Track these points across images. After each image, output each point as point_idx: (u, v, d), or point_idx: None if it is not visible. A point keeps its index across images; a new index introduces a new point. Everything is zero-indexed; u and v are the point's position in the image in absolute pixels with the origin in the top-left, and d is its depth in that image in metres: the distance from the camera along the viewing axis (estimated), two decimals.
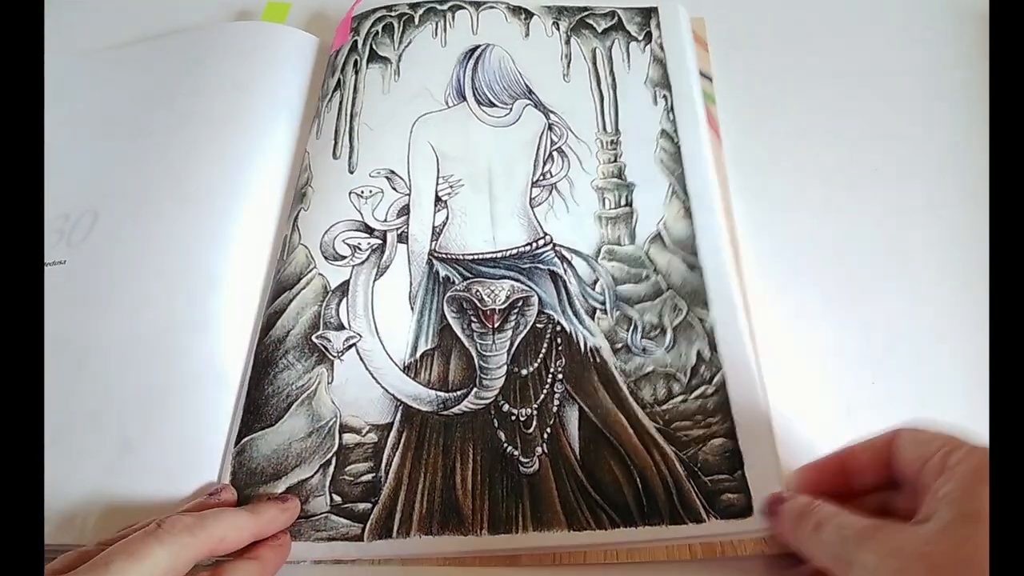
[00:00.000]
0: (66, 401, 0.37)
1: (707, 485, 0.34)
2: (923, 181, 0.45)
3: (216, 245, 0.43)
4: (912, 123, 0.47)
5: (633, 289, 0.41)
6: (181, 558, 0.29)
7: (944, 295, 0.41)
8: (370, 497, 0.35)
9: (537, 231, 0.43)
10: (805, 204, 0.44)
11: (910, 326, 0.40)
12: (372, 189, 0.45)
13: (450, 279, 0.41)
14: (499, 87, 0.49)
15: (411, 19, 0.52)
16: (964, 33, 0.51)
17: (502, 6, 0.52)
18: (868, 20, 0.52)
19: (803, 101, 0.49)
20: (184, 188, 0.45)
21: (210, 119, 0.48)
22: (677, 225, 0.42)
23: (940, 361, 0.39)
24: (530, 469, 0.36)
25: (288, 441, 0.37)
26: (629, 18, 0.51)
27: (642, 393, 0.37)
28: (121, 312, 0.40)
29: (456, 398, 0.38)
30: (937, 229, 0.43)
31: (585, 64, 0.49)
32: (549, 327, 0.40)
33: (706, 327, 0.39)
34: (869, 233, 0.43)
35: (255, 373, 0.39)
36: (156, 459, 0.36)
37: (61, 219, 0.44)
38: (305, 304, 0.41)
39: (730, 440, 0.35)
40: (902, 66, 0.50)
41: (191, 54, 0.52)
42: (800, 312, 0.40)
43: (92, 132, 0.49)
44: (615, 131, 0.46)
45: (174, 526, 0.29)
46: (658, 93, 0.48)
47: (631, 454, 0.35)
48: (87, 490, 0.35)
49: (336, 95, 0.49)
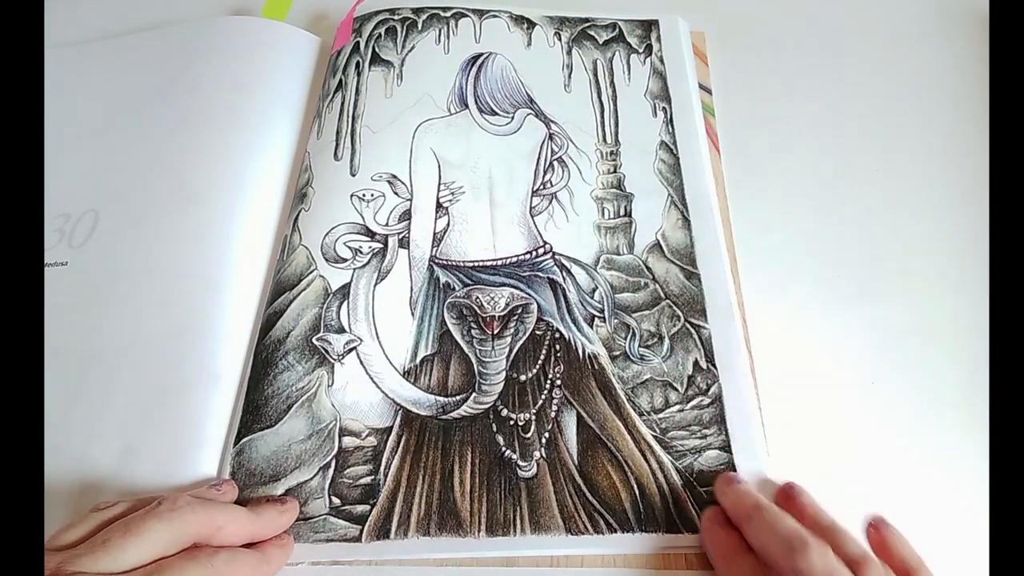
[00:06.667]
0: (67, 402, 0.37)
1: (703, 496, 0.35)
2: (923, 181, 0.46)
3: (216, 244, 0.43)
4: (912, 125, 0.49)
5: (631, 297, 0.41)
6: (179, 534, 0.29)
7: (944, 295, 0.42)
8: (369, 499, 0.35)
9: (537, 240, 0.43)
10: (803, 215, 0.45)
11: (910, 326, 0.41)
12: (374, 192, 0.45)
13: (450, 285, 0.42)
14: (501, 95, 0.49)
15: (414, 24, 0.52)
16: (964, 33, 0.53)
17: (505, 15, 0.53)
18: (867, 31, 0.54)
19: (801, 114, 0.49)
20: (184, 187, 0.45)
21: (211, 117, 0.48)
22: (675, 235, 0.43)
23: (940, 361, 0.40)
24: (528, 473, 0.36)
25: (287, 443, 0.37)
26: (630, 30, 0.52)
27: (639, 400, 0.38)
28: (122, 313, 0.40)
29: (455, 403, 0.38)
30: (937, 229, 0.44)
31: (586, 75, 0.50)
32: (548, 334, 0.40)
33: (703, 337, 0.39)
34: (868, 237, 0.44)
35: (254, 373, 0.39)
36: (156, 459, 0.36)
37: (61, 219, 0.44)
38: (306, 305, 0.41)
39: (725, 453, 0.36)
40: (902, 71, 0.51)
41: (192, 48, 0.51)
42: (798, 319, 0.41)
43: (91, 128, 0.49)
44: (615, 142, 0.47)
45: (175, 502, 0.30)
46: (658, 105, 0.48)
47: (628, 460, 0.36)
48: (88, 491, 0.35)
49: (338, 96, 0.49)
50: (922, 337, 0.40)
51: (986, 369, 0.39)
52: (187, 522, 0.29)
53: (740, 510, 0.32)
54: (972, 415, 0.38)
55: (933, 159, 0.47)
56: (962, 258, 0.43)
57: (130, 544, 0.27)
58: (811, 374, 0.39)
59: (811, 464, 0.36)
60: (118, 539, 0.27)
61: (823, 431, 0.38)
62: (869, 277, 0.43)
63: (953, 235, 0.44)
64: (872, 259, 0.43)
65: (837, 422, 0.38)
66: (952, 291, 0.42)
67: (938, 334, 0.41)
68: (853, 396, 0.39)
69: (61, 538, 0.29)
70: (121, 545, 0.27)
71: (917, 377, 0.39)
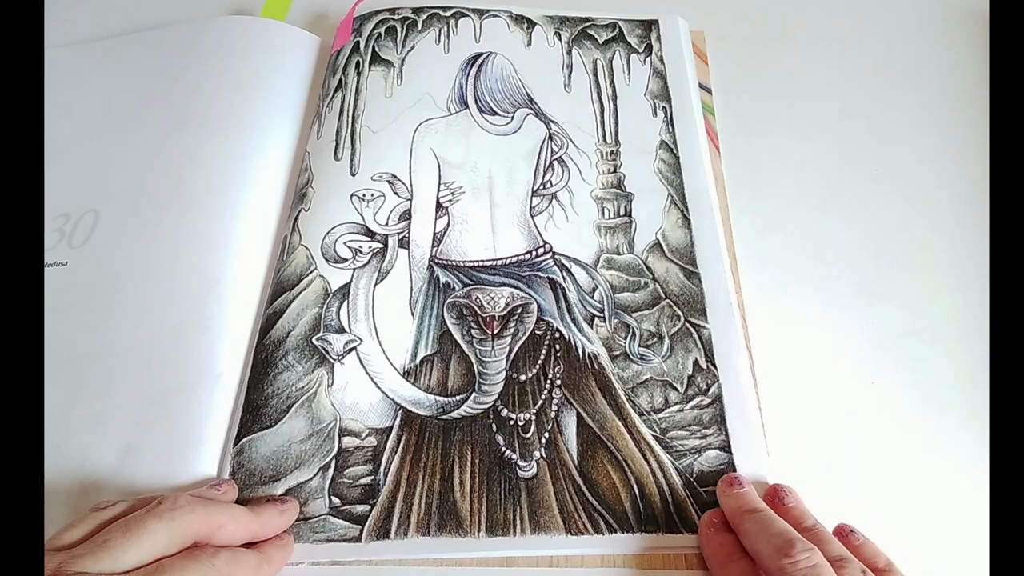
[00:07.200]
0: (67, 402, 0.37)
1: (702, 496, 0.35)
2: (923, 181, 0.46)
3: (216, 244, 0.43)
4: (912, 125, 0.49)
5: (631, 297, 0.41)
6: (179, 533, 0.29)
7: (944, 295, 0.42)
8: (369, 499, 0.35)
9: (537, 239, 0.43)
10: (803, 214, 0.45)
11: (910, 326, 0.41)
12: (374, 192, 0.45)
13: (450, 285, 0.42)
14: (501, 95, 0.49)
15: (414, 24, 0.52)
16: (964, 33, 0.53)
17: (505, 15, 0.53)
18: (868, 30, 0.54)
19: (802, 113, 0.50)
20: (184, 187, 0.45)
21: (211, 117, 0.48)
22: (675, 234, 0.43)
23: (940, 361, 0.40)
24: (528, 473, 0.36)
25: (287, 443, 0.37)
26: (630, 30, 0.52)
27: (639, 400, 0.38)
28: (122, 313, 0.40)
29: (455, 403, 0.38)
30: (937, 229, 0.44)
31: (586, 75, 0.50)
32: (548, 334, 0.40)
33: (703, 337, 0.39)
34: (868, 236, 0.44)
35: (254, 373, 0.39)
36: (156, 459, 0.36)
37: (61, 219, 0.44)
38: (305, 305, 0.41)
39: (725, 453, 0.36)
40: (902, 71, 0.51)
41: (192, 48, 0.51)
42: (798, 318, 0.41)
43: (91, 128, 0.49)
44: (615, 142, 0.47)
45: (175, 502, 0.30)
46: (658, 105, 0.48)
47: (628, 460, 0.36)
48: (88, 491, 0.35)
49: (337, 96, 0.49)
50: (922, 337, 0.41)
51: (986, 369, 0.39)
52: (187, 522, 0.29)
53: (736, 513, 0.32)
54: (972, 415, 0.38)
55: (933, 159, 0.47)
56: (962, 258, 0.43)
57: (131, 544, 0.27)
58: (811, 374, 0.39)
59: (811, 464, 0.36)
60: (118, 539, 0.27)
61: (823, 431, 0.38)
62: (869, 277, 0.43)
63: (953, 235, 0.44)
64: (872, 259, 0.43)
65: (837, 422, 0.38)
66: (952, 291, 0.42)
67: (938, 334, 0.41)
68: (853, 396, 0.39)
69: (61, 538, 0.29)
70: (122, 545, 0.27)
71: (917, 377, 0.39)
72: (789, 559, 0.28)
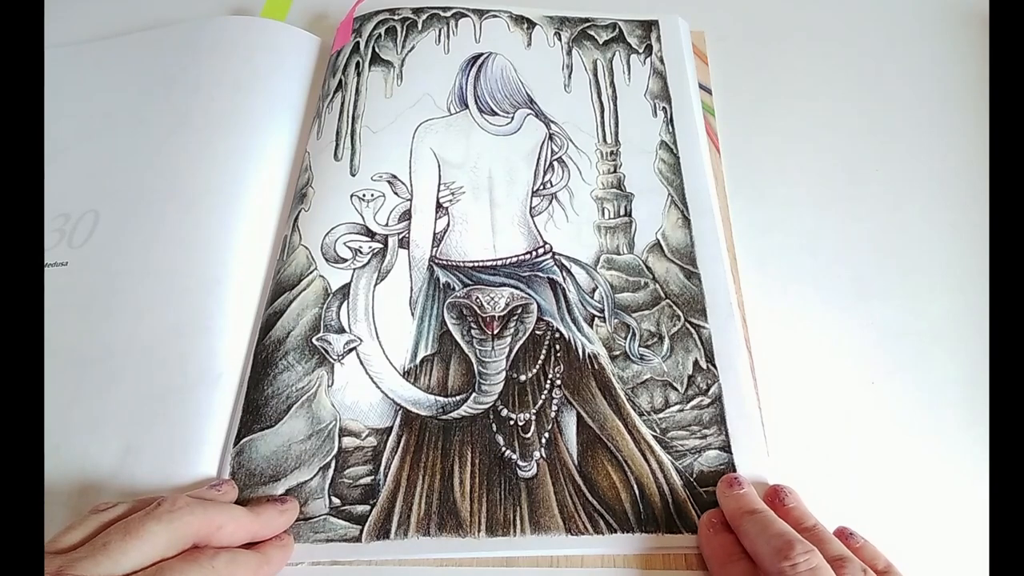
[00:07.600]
0: (67, 402, 0.37)
1: (702, 496, 0.35)
2: (923, 181, 0.46)
3: (216, 244, 0.43)
4: (912, 125, 0.49)
5: (631, 297, 0.41)
6: (178, 535, 0.29)
7: (944, 295, 0.42)
8: (369, 499, 0.35)
9: (537, 240, 0.43)
10: (803, 214, 0.45)
11: (910, 326, 0.41)
12: (374, 193, 0.45)
13: (450, 285, 0.42)
14: (501, 96, 0.49)
15: (414, 24, 0.52)
16: (964, 33, 0.53)
17: (505, 15, 0.53)
18: (867, 30, 0.54)
19: (802, 113, 0.50)
20: (185, 186, 0.45)
21: (211, 117, 0.48)
22: (675, 234, 0.43)
23: (940, 361, 0.40)
24: (528, 473, 0.36)
25: (287, 443, 0.37)
26: (630, 30, 0.52)
27: (639, 400, 0.38)
28: (122, 313, 0.40)
29: (455, 403, 0.38)
30: (937, 229, 0.44)
31: (586, 75, 0.50)
32: (548, 334, 0.40)
33: (703, 337, 0.39)
34: (868, 236, 0.44)
35: (254, 373, 0.39)
36: (156, 459, 0.36)
37: (61, 219, 0.44)
38: (305, 305, 0.41)
39: (725, 453, 0.36)
40: (902, 71, 0.51)
41: (192, 48, 0.52)
42: (798, 318, 0.41)
43: (91, 128, 0.49)
44: (615, 142, 0.47)
45: (174, 503, 0.30)
46: (658, 105, 0.48)
47: (628, 460, 0.36)
48: (88, 491, 0.35)
49: (337, 96, 0.49)
50: (922, 337, 0.41)
51: (986, 369, 0.39)
52: (187, 523, 0.29)
53: (735, 514, 0.32)
54: (972, 415, 0.38)
55: (933, 159, 0.47)
56: (962, 258, 0.43)
57: (130, 547, 0.27)
58: (811, 374, 0.39)
59: (811, 464, 0.36)
60: (118, 542, 0.27)
61: (823, 431, 0.38)
62: (869, 277, 0.43)
63: (953, 235, 0.44)
64: (872, 259, 0.43)
65: (837, 422, 0.38)
66: (952, 291, 0.42)
67: (938, 334, 0.41)
68: (853, 396, 0.39)
69: (61, 540, 0.29)
70: (121, 547, 0.27)
71: (917, 377, 0.39)
72: (789, 561, 0.28)
